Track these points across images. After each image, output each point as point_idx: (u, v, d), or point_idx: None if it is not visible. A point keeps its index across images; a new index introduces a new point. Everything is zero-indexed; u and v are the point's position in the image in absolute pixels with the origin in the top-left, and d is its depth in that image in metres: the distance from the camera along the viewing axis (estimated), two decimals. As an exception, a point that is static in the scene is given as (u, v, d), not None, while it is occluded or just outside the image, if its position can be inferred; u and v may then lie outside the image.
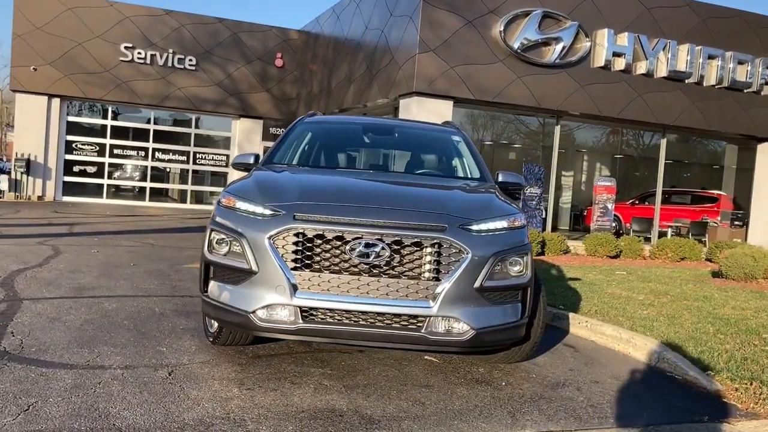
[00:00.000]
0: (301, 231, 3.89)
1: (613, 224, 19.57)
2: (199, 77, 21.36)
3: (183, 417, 3.32)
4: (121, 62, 20.57)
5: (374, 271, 3.89)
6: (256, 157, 5.36)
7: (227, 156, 22.65)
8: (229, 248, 4.07)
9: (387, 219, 3.95)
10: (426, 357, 4.73)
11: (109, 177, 21.59)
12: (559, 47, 15.00)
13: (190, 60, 21.22)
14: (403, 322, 3.95)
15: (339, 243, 3.88)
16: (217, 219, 4.19)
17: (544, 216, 16.52)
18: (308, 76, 21.46)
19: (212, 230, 4.18)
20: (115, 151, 21.69)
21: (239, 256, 3.99)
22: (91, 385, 3.68)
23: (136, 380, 3.82)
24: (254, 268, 3.93)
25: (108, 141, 21.52)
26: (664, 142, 17.67)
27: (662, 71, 16.00)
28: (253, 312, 3.93)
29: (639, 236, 16.24)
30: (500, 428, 3.55)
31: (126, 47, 20.54)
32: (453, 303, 3.92)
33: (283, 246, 3.89)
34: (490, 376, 4.47)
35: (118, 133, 21.77)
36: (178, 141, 22.28)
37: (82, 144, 21.22)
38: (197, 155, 22.37)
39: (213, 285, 4.14)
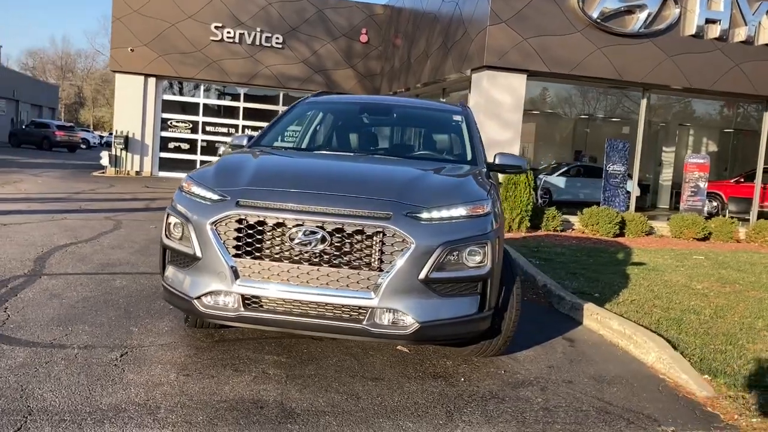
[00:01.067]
0: (242, 217, 3.81)
1: (714, 204, 18.30)
2: (286, 55, 21.69)
3: (101, 402, 3.37)
4: (211, 42, 21.21)
5: (315, 259, 3.77)
6: (250, 138, 5.33)
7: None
8: (182, 233, 4.07)
9: (330, 206, 3.80)
10: (398, 347, 4.57)
11: (202, 153, 22.43)
12: (643, 15, 14.04)
13: (277, 38, 21.57)
14: (344, 313, 3.82)
15: (280, 230, 3.78)
16: (174, 203, 4.19)
17: (628, 194, 15.65)
18: (391, 51, 21.30)
19: (168, 215, 4.19)
20: (207, 128, 22.50)
21: (188, 242, 3.98)
22: (38, 365, 3.80)
23: (85, 361, 3.91)
24: (198, 253, 3.91)
25: (200, 119, 22.34)
26: (767, 116, 16.22)
27: (765, 38, 14.64)
28: (198, 298, 3.92)
29: (735, 217, 15.08)
30: (428, 429, 3.37)
31: (216, 27, 21.14)
32: (396, 295, 3.74)
33: (225, 232, 3.84)
34: (454, 370, 4.26)
35: (210, 111, 22.56)
36: (267, 118, 22.79)
37: (177, 122, 22.15)
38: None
39: (169, 269, 4.16)
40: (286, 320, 3.83)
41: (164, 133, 22.06)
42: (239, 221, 3.82)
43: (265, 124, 5.88)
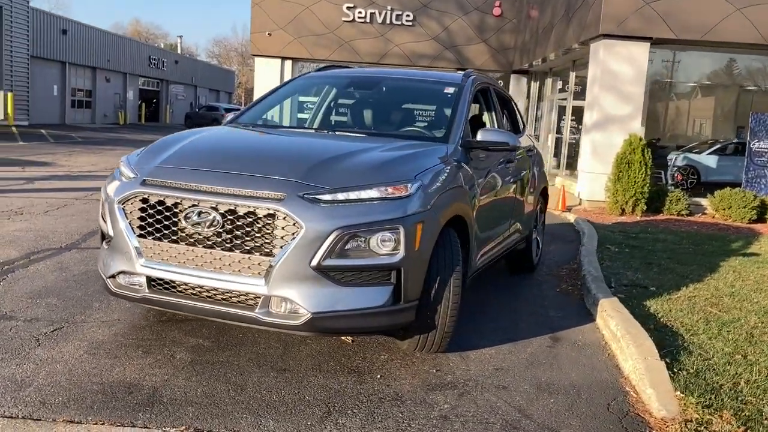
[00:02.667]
0: (146, 196, 3.72)
1: None
2: (416, 32, 21.44)
3: (-17, 375, 3.44)
4: (343, 23, 21.46)
5: (209, 242, 3.59)
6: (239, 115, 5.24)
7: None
8: (102, 212, 4.06)
9: (226, 186, 3.60)
10: (343, 338, 4.27)
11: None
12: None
13: (408, 15, 21.36)
14: (236, 300, 3.61)
15: (177, 210, 3.64)
16: (105, 183, 4.19)
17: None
18: (524, 23, 20.31)
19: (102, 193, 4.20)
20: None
21: (104, 220, 3.97)
22: (-33, 335, 3.98)
23: (15, 334, 4.03)
24: (110, 232, 3.88)
25: (334, 99, 22.77)
26: None
27: None
28: (110, 277, 3.90)
29: None
30: (289, 428, 3.09)
31: (348, 7, 21.35)
32: (286, 282, 3.47)
33: (131, 212, 3.76)
34: (379, 366, 3.90)
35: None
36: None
37: (311, 104, 22.73)
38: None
39: (101, 248, 4.18)
40: (185, 304, 3.69)
41: (300, 115, 22.72)
42: (143, 200, 3.73)
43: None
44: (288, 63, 22.11)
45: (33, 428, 2.95)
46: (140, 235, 3.73)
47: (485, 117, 5.67)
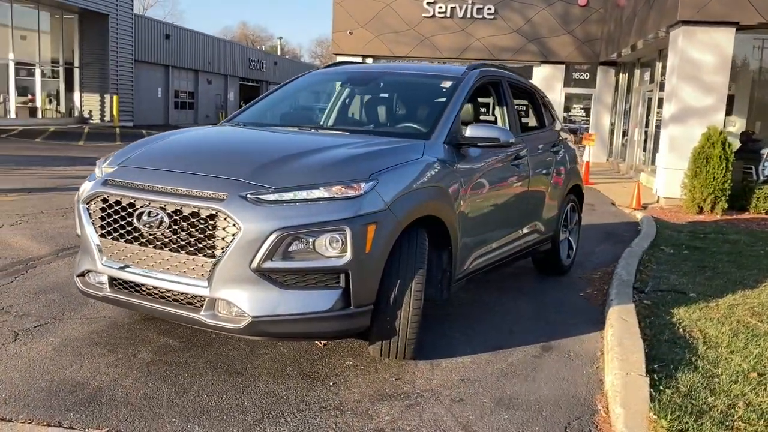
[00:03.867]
0: (105, 197, 3.75)
1: None
2: (498, 25, 20.97)
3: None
4: (423, 18, 21.31)
5: (158, 242, 3.57)
6: (236, 114, 5.23)
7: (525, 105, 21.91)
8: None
9: (174, 185, 3.56)
10: (316, 342, 4.16)
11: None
12: None
13: (489, 9, 20.94)
14: (184, 301, 3.57)
15: (131, 210, 3.64)
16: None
17: None
18: (611, 13, 19.41)
19: (81, 194, 4.28)
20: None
21: (76, 219, 4.04)
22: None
23: (-1, 329, 4.18)
24: (78, 231, 3.94)
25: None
26: None
27: None
28: (80, 275, 3.97)
29: None
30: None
31: (428, 3, 21.17)
32: (227, 284, 3.40)
33: (94, 211, 3.81)
34: (339, 372, 3.75)
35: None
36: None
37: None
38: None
39: (80, 249, 4.26)
40: (141, 305, 3.70)
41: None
42: (104, 200, 3.76)
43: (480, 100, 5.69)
44: (369, 62, 22.15)
45: (-38, 424, 3.01)
46: (101, 235, 3.76)
47: (496, 112, 5.37)
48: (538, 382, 3.76)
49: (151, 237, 3.57)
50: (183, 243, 3.48)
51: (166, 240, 3.52)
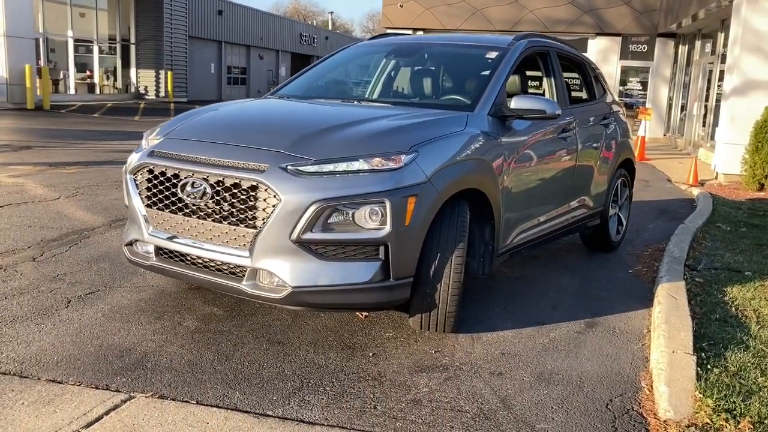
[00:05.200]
0: (151, 167, 3.82)
1: None
2: (552, -3, 20.48)
3: (4, 329, 3.72)
4: (475, -10, 20.94)
5: (201, 213, 3.62)
6: (280, 87, 5.26)
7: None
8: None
9: (217, 156, 3.61)
10: (357, 314, 4.18)
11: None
12: None
13: (543, -21, 20.44)
14: (228, 271, 3.63)
15: (176, 181, 3.70)
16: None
17: None
18: (670, -19, 18.74)
19: (130, 165, 4.37)
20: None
21: (124, 190, 4.13)
22: (21, 291, 4.32)
23: (48, 295, 4.32)
24: (126, 202, 4.04)
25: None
26: None
27: None
28: (128, 245, 4.07)
29: None
30: (252, 403, 3.07)
31: (480, -26, 20.79)
32: (268, 254, 3.44)
33: (140, 182, 3.89)
34: (379, 344, 3.77)
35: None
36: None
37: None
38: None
39: (130, 217, 4.36)
40: (186, 274, 3.78)
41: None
42: (149, 171, 3.83)
43: (531, 73, 5.64)
44: (419, 34, 21.94)
45: (16, 384, 3.14)
46: (147, 205, 3.84)
47: (544, 84, 5.25)
48: (580, 358, 3.71)
49: (194, 207, 3.62)
50: (225, 213, 3.53)
51: (209, 210, 3.58)
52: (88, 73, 29.43)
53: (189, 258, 3.75)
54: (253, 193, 3.44)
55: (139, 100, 30.14)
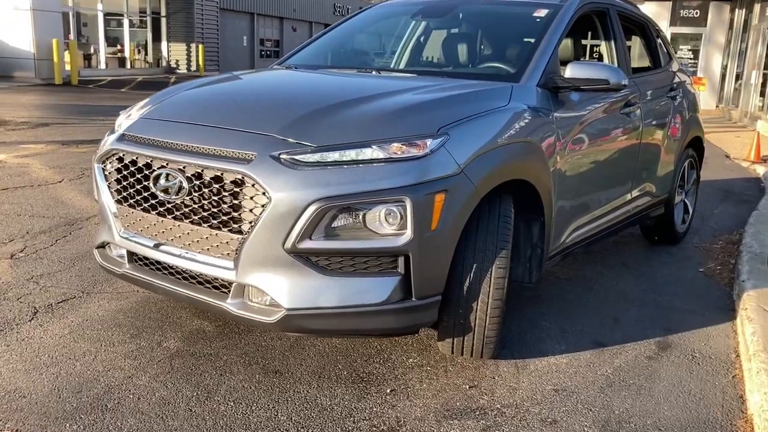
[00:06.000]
0: (120, 155, 3.10)
1: None
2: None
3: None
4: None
5: (177, 212, 2.90)
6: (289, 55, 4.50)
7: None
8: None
9: (196, 142, 2.87)
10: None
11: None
12: None
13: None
14: (207, 286, 2.91)
15: (147, 172, 2.98)
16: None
17: None
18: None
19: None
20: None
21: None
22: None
23: (15, 303, 3.68)
24: (95, 196, 3.34)
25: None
26: None
27: None
28: (98, 247, 3.39)
29: None
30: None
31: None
32: (256, 267, 2.70)
33: (110, 173, 3.18)
34: (401, 376, 3.03)
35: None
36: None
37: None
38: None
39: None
40: (161, 286, 3.07)
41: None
42: (119, 159, 3.11)
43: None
44: None
45: (-62, 434, 2.48)
46: (117, 201, 3.13)
47: (602, 48, 4.39)
48: (655, 398, 2.91)
49: (170, 206, 2.90)
50: (205, 214, 2.80)
51: (186, 210, 2.85)
52: (118, 47, 28.94)
53: (166, 267, 3.04)
54: (237, 189, 2.70)
55: (170, 74, 29.61)
